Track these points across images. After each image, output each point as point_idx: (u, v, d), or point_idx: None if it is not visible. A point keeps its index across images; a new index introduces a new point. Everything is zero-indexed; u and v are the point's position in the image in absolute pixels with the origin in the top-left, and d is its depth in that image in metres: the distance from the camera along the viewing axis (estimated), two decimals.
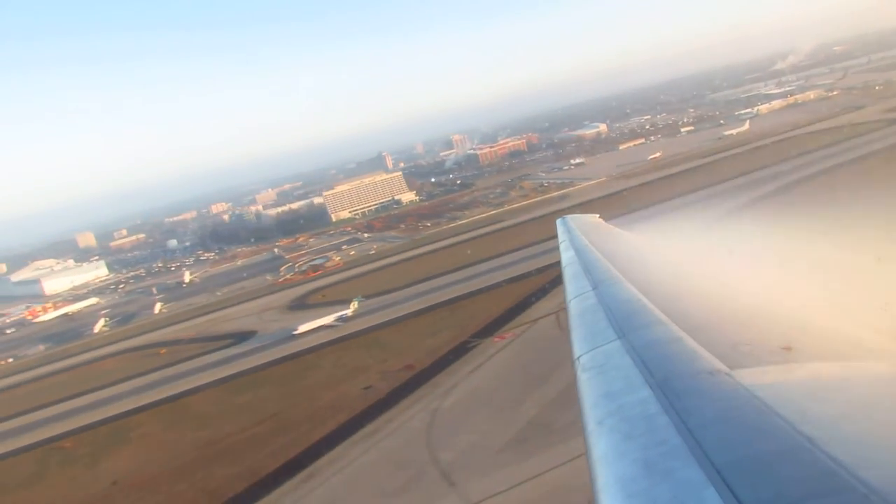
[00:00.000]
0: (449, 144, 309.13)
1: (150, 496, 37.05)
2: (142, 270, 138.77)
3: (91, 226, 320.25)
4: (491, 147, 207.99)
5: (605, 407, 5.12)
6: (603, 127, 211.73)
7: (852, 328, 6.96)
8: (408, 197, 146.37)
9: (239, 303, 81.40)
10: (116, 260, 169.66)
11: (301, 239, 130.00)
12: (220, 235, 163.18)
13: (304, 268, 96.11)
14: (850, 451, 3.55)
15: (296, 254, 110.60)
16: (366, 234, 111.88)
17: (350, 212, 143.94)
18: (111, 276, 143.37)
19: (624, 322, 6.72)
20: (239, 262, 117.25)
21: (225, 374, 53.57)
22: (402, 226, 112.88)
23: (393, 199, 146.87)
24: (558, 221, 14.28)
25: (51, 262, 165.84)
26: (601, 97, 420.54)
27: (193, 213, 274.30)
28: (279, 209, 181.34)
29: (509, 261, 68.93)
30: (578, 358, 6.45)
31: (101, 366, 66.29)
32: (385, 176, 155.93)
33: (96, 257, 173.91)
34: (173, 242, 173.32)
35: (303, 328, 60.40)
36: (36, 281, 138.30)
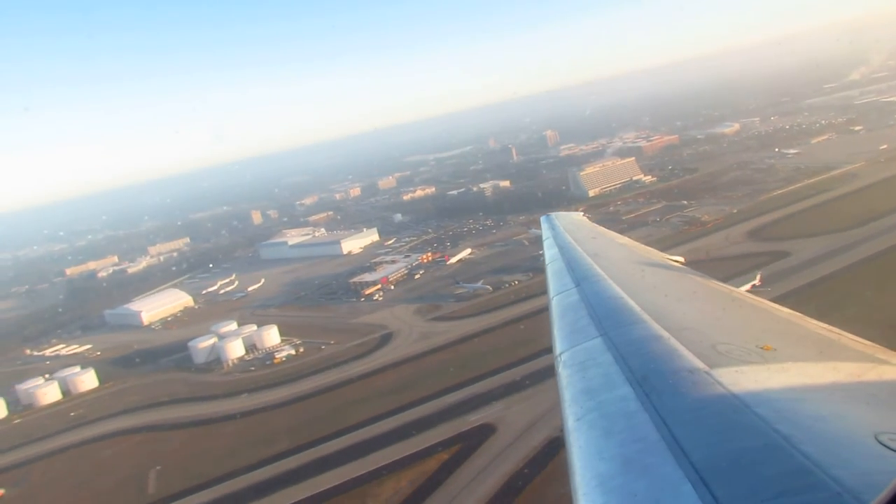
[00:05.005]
0: (544, 140, 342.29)
1: None
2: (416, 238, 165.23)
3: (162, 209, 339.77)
4: (648, 142, 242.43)
5: (585, 403, 5.51)
6: (737, 126, 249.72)
7: (830, 329, 7.25)
8: (647, 179, 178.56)
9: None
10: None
11: (581, 209, 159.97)
12: (453, 209, 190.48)
13: (673, 222, 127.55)
14: (824, 450, 3.79)
15: (633, 214, 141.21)
16: (684, 201, 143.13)
17: (600, 189, 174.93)
18: (382, 240, 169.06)
19: (605, 320, 7.28)
20: None
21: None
22: (711, 197, 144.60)
23: (632, 179, 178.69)
24: (542, 218, 15.67)
25: (307, 229, 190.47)
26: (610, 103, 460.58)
27: (315, 198, 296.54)
28: (494, 184, 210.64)
29: None
30: (560, 354, 7.00)
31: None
32: (620, 161, 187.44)
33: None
34: (398, 216, 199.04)
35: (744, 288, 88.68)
36: (336, 242, 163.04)
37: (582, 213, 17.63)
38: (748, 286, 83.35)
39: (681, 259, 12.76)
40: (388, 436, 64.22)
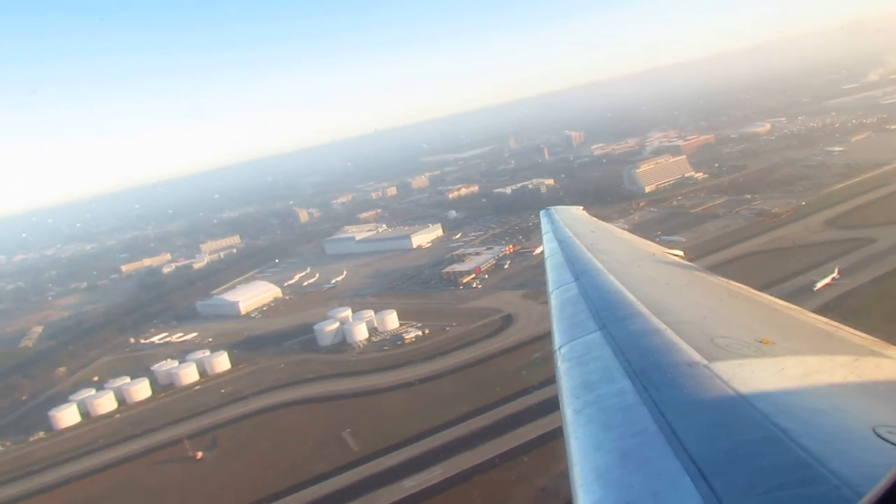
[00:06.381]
0: (568, 140, 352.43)
1: None
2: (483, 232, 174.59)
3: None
4: (685, 141, 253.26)
5: (583, 397, 5.60)
6: (768, 125, 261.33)
7: (829, 322, 7.49)
8: (698, 175, 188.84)
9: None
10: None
11: (643, 204, 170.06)
12: (509, 206, 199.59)
13: (743, 214, 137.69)
14: (823, 443, 3.85)
15: (700, 208, 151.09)
16: (747, 195, 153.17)
17: (655, 185, 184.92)
18: (447, 235, 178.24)
19: (605, 313, 7.42)
20: (635, 218, 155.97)
21: None
22: (772, 191, 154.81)
23: (683, 176, 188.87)
24: (542, 213, 16.07)
25: (366, 226, 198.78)
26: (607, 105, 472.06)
27: (349, 197, 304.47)
28: (540, 181, 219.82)
29: None
30: (559, 348, 7.16)
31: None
32: (672, 159, 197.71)
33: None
34: (453, 213, 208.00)
35: (820, 284, 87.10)
36: (406, 237, 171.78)
37: (581, 208, 18.09)
38: (828, 279, 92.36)
39: (680, 253, 13.21)
40: None
